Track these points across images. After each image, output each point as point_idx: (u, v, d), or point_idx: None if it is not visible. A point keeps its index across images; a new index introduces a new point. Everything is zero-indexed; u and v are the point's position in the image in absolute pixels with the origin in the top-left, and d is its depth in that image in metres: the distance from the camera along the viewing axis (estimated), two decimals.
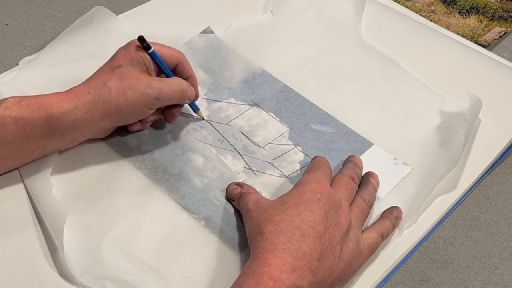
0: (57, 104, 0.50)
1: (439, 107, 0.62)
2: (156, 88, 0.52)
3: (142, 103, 0.52)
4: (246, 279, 0.42)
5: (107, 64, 0.53)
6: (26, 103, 0.50)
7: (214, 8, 0.74)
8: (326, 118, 0.61)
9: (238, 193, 0.52)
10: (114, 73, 0.52)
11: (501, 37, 0.73)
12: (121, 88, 0.51)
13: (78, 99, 0.51)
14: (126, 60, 0.53)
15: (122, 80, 0.51)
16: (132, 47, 0.53)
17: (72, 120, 0.51)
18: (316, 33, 0.71)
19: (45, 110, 0.50)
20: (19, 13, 0.75)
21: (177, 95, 0.54)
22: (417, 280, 0.51)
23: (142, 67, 0.53)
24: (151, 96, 0.52)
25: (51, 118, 0.50)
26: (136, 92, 0.51)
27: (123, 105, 0.51)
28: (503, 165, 0.60)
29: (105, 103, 0.51)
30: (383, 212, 0.52)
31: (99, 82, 0.52)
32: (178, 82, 0.55)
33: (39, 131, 0.50)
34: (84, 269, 0.48)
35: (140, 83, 0.52)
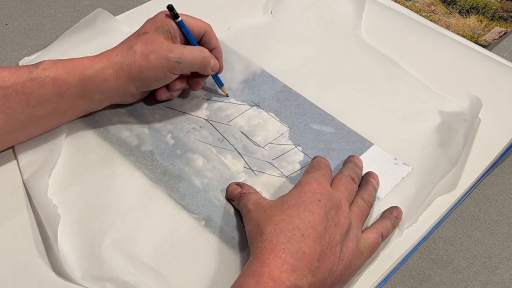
0: (89, 65, 0.54)
1: (439, 107, 0.62)
2: (178, 52, 0.55)
3: (164, 66, 0.55)
4: (246, 279, 0.42)
5: (136, 32, 0.57)
6: (62, 64, 0.53)
7: (214, 8, 0.74)
8: (326, 118, 0.61)
9: (238, 193, 0.52)
10: (140, 38, 0.55)
11: (501, 37, 0.73)
12: (145, 52, 0.55)
13: (108, 60, 0.54)
14: (152, 27, 0.56)
15: (146, 44, 0.55)
16: (160, 16, 0.57)
17: (102, 80, 0.54)
18: (316, 33, 0.71)
19: (79, 71, 0.53)
20: (19, 13, 0.75)
21: (198, 61, 0.57)
22: (417, 280, 0.51)
23: (167, 34, 0.56)
24: (172, 59, 0.55)
25: (85, 79, 0.53)
26: (159, 55, 0.55)
27: (145, 67, 0.55)
28: (503, 165, 0.60)
29: (130, 66, 0.54)
30: (383, 212, 0.52)
31: (126, 47, 0.55)
32: (200, 49, 0.57)
33: (74, 91, 0.53)
34: (84, 271, 0.48)
35: (163, 47, 0.55)
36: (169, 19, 0.57)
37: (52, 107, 0.53)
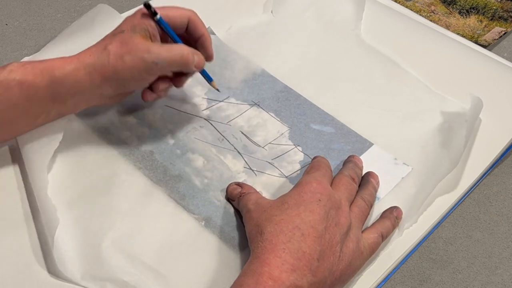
0: (59, 66, 0.51)
1: (439, 107, 0.62)
2: (155, 53, 0.52)
3: (141, 68, 0.52)
4: (246, 278, 0.42)
5: (112, 30, 0.54)
6: (31, 66, 0.50)
7: (214, 8, 0.74)
8: (326, 118, 0.61)
9: (238, 193, 0.52)
10: (115, 38, 0.52)
11: (501, 37, 0.73)
12: (119, 52, 0.51)
13: (79, 61, 0.51)
14: (129, 26, 0.53)
15: (122, 44, 0.52)
16: (138, 14, 0.53)
17: (73, 82, 0.51)
18: (316, 33, 0.71)
19: (48, 73, 0.50)
20: (19, 13, 0.75)
21: (177, 60, 0.53)
22: (417, 280, 0.51)
23: (145, 33, 0.53)
24: (148, 60, 0.52)
25: (54, 81, 0.51)
26: (134, 56, 0.51)
27: (120, 68, 0.51)
28: (503, 165, 0.60)
29: (103, 67, 0.51)
30: (383, 212, 0.52)
31: (100, 46, 0.52)
32: (180, 47, 0.53)
33: (42, 94, 0.51)
34: (84, 271, 0.48)
35: (139, 48, 0.52)
36: (147, 17, 0.53)
37: (20, 111, 0.51)
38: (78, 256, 0.49)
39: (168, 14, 0.54)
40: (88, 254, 0.49)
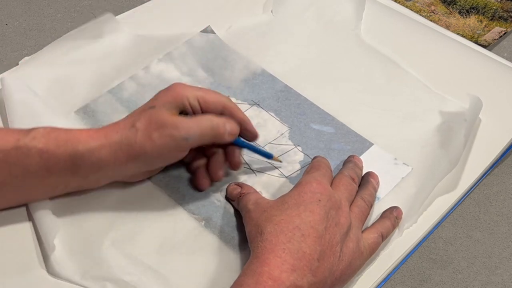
0: (84, 140, 0.48)
1: (439, 107, 0.62)
2: (184, 128, 0.48)
3: (171, 146, 0.49)
4: (246, 278, 0.42)
5: (143, 104, 0.51)
6: (55, 136, 0.48)
7: (214, 8, 0.74)
8: (326, 118, 0.61)
9: (237, 193, 0.52)
10: (144, 114, 0.49)
11: (501, 37, 0.73)
12: (148, 130, 0.48)
13: (106, 138, 0.48)
14: (161, 102, 0.49)
15: (150, 121, 0.48)
16: (173, 89, 0.50)
17: (96, 160, 0.48)
18: (316, 33, 0.71)
19: (71, 145, 0.48)
20: (19, 13, 0.75)
21: (208, 133, 0.49)
22: (417, 280, 0.51)
23: (177, 110, 0.49)
24: (178, 137, 0.48)
25: (76, 155, 0.48)
26: (163, 134, 0.48)
27: (148, 147, 0.48)
28: (503, 165, 0.60)
29: (130, 145, 0.48)
30: (383, 212, 0.52)
31: (128, 123, 0.49)
32: (210, 118, 0.50)
33: (62, 166, 0.48)
34: (84, 271, 0.48)
35: (167, 124, 0.48)
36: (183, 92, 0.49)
37: (38, 180, 0.49)
38: (78, 256, 0.49)
39: (204, 96, 0.50)
40: (88, 254, 0.49)
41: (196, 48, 0.67)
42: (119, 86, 0.63)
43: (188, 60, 0.66)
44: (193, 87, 0.51)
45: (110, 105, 0.61)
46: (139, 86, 0.63)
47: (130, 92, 0.62)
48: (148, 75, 0.64)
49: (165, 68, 0.65)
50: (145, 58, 0.66)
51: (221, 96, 0.52)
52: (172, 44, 0.67)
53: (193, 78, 0.64)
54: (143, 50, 0.66)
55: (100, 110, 0.60)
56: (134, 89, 0.63)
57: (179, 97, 0.49)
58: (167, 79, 0.64)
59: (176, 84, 0.51)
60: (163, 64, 0.65)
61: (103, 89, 0.62)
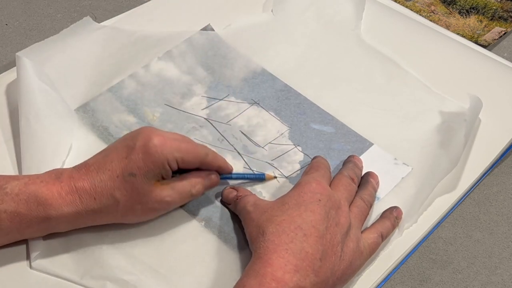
0: (57, 205, 0.46)
1: (439, 107, 0.62)
2: (165, 201, 0.48)
3: (151, 215, 0.50)
4: (249, 279, 0.42)
5: (121, 163, 0.47)
6: (25, 198, 0.46)
7: (214, 7, 0.74)
8: (326, 117, 0.61)
9: (234, 196, 0.52)
10: (125, 182, 0.47)
11: (501, 37, 0.73)
12: (129, 202, 0.47)
13: (81, 203, 0.47)
14: (143, 169, 0.47)
15: (132, 193, 0.47)
16: (153, 153, 0.47)
17: (71, 222, 0.48)
18: (316, 33, 0.71)
19: (43, 210, 0.46)
20: (19, 13, 0.75)
21: (187, 197, 0.50)
22: (417, 280, 0.51)
23: (157, 177, 0.48)
24: (160, 210, 0.50)
25: (49, 219, 0.46)
26: (145, 207, 0.48)
27: (130, 216, 0.49)
28: (503, 165, 0.60)
29: (110, 213, 0.48)
30: (383, 212, 0.52)
31: (107, 190, 0.47)
32: (189, 182, 0.50)
33: (35, 228, 0.47)
34: (84, 270, 0.48)
35: (151, 197, 0.48)
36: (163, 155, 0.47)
37: (8, 239, 0.48)
38: (78, 255, 0.49)
39: (183, 159, 0.48)
40: (88, 254, 0.49)
41: (196, 46, 0.67)
42: (119, 85, 0.63)
43: (188, 59, 0.66)
44: (172, 144, 0.48)
45: (110, 104, 0.61)
46: (138, 84, 0.63)
47: (129, 91, 0.62)
48: (148, 73, 0.64)
49: (165, 66, 0.65)
50: (144, 56, 0.66)
51: (198, 152, 0.50)
52: (172, 42, 0.67)
53: (192, 77, 0.64)
54: (143, 48, 0.66)
55: (99, 109, 0.60)
56: (134, 88, 0.63)
57: (159, 162, 0.47)
58: (166, 78, 0.64)
59: (153, 141, 0.47)
60: (162, 62, 0.65)
61: (103, 87, 0.62)
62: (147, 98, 0.62)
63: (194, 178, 0.50)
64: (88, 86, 0.62)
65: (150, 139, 0.47)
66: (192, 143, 0.50)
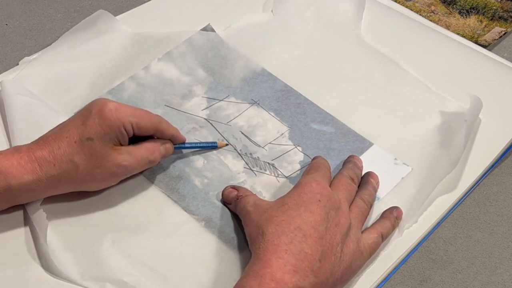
0: (17, 173, 0.47)
1: (439, 107, 0.62)
2: (123, 164, 0.50)
3: (110, 180, 0.51)
4: (248, 280, 0.42)
5: (78, 129, 0.49)
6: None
7: (214, 7, 0.74)
8: (326, 117, 0.61)
9: (234, 196, 0.52)
10: (83, 147, 0.48)
11: (501, 37, 0.73)
12: (88, 166, 0.48)
13: (41, 170, 0.48)
14: (99, 133, 0.48)
15: (91, 157, 0.48)
16: (109, 116, 0.49)
17: (33, 191, 0.48)
18: (316, 33, 0.71)
19: (4, 179, 0.47)
20: (19, 13, 0.75)
21: (144, 162, 0.51)
22: (417, 280, 0.51)
23: (114, 141, 0.49)
24: (119, 174, 0.51)
25: (10, 189, 0.47)
26: (104, 171, 0.49)
27: (89, 181, 0.50)
28: (503, 165, 0.60)
29: (71, 179, 0.49)
30: (383, 212, 0.52)
31: (65, 156, 0.48)
32: (145, 147, 0.52)
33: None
34: (84, 271, 0.48)
35: (109, 161, 0.49)
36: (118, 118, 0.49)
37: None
38: (78, 256, 0.49)
39: (138, 122, 0.50)
40: (88, 254, 0.49)
41: (196, 46, 0.67)
42: (119, 87, 0.63)
43: (188, 59, 0.66)
44: (126, 109, 0.50)
45: None
46: (139, 86, 0.63)
47: (130, 92, 0.62)
48: (148, 74, 0.64)
49: (165, 67, 0.65)
50: (145, 57, 0.66)
51: (152, 119, 0.52)
52: (172, 43, 0.67)
53: (193, 78, 0.64)
54: (143, 50, 0.66)
55: None
56: (134, 89, 0.63)
57: (115, 126, 0.49)
58: (167, 79, 0.64)
59: (108, 106, 0.49)
60: (163, 63, 0.65)
61: (103, 89, 0.62)
62: (147, 100, 0.62)
63: (151, 144, 0.52)
64: (88, 89, 0.62)
65: (105, 105, 0.49)
66: (147, 110, 0.52)
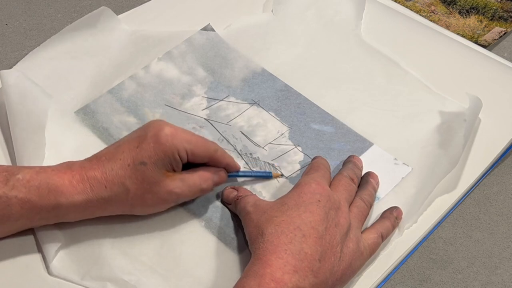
0: (68, 192, 0.46)
1: (439, 107, 0.62)
2: (175, 192, 0.49)
3: (161, 206, 0.50)
4: (248, 280, 0.42)
5: (132, 152, 0.48)
6: (36, 185, 0.46)
7: (214, 7, 0.74)
8: (326, 117, 0.61)
9: (234, 196, 0.52)
10: (136, 171, 0.47)
11: (501, 37, 0.73)
12: (139, 191, 0.47)
13: (92, 191, 0.47)
14: (153, 158, 0.47)
15: (142, 182, 0.47)
16: (164, 142, 0.47)
17: (82, 211, 0.48)
18: (316, 33, 0.71)
19: (54, 198, 0.46)
20: (19, 13, 0.75)
21: (196, 191, 0.50)
22: (417, 280, 0.51)
23: (168, 167, 0.48)
24: (170, 201, 0.50)
25: (60, 207, 0.47)
26: (155, 197, 0.48)
27: (139, 205, 0.49)
28: (503, 165, 0.60)
29: (121, 202, 0.48)
30: (383, 213, 0.52)
31: (117, 178, 0.47)
32: (199, 176, 0.50)
33: (45, 216, 0.47)
34: (85, 271, 0.48)
35: (161, 187, 0.48)
36: (173, 145, 0.47)
37: (19, 226, 0.48)
38: (78, 256, 0.49)
39: (193, 150, 0.49)
40: (88, 254, 0.49)
41: (196, 46, 0.67)
42: (119, 86, 0.63)
43: (188, 59, 0.66)
44: (182, 135, 0.49)
45: (110, 105, 0.61)
46: (139, 85, 0.63)
47: (130, 92, 0.62)
48: (148, 74, 0.64)
49: (165, 67, 0.65)
50: (144, 57, 0.66)
51: (208, 147, 0.50)
52: (172, 42, 0.67)
53: (193, 77, 0.64)
54: (143, 49, 0.66)
55: (100, 111, 0.60)
56: (134, 89, 0.63)
57: (170, 152, 0.48)
58: (167, 78, 0.64)
59: (165, 131, 0.48)
60: (163, 63, 0.65)
61: (103, 89, 0.62)
62: (147, 99, 0.62)
63: (204, 172, 0.50)
64: (88, 88, 0.62)
65: (162, 129, 0.48)
66: (203, 137, 0.51)
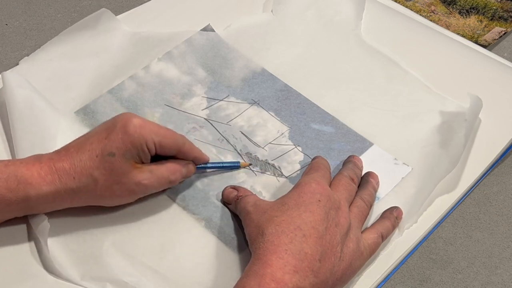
0: (36, 184, 0.47)
1: (439, 107, 0.62)
2: (143, 183, 0.49)
3: (129, 197, 0.51)
4: (248, 280, 0.42)
5: (101, 143, 0.48)
6: (5, 177, 0.46)
7: (214, 7, 0.74)
8: (326, 117, 0.61)
9: (234, 196, 0.52)
10: (104, 162, 0.47)
11: (501, 37, 0.73)
12: (108, 182, 0.48)
13: (61, 183, 0.47)
14: (121, 149, 0.48)
15: (111, 173, 0.47)
16: (132, 132, 0.48)
17: (51, 202, 0.48)
18: (316, 33, 0.71)
19: (23, 190, 0.47)
20: (19, 13, 0.75)
21: (165, 182, 0.50)
22: (417, 280, 0.51)
23: (136, 159, 0.49)
24: (138, 192, 0.50)
25: (29, 199, 0.47)
26: (124, 188, 0.49)
27: (108, 196, 0.49)
28: (503, 165, 0.60)
29: (89, 193, 0.48)
30: (383, 212, 0.52)
31: (86, 169, 0.47)
32: (166, 168, 0.50)
33: (14, 208, 0.48)
34: (85, 271, 0.48)
35: (129, 178, 0.48)
36: (142, 136, 0.48)
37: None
38: (78, 256, 0.49)
39: (161, 141, 0.49)
40: (88, 254, 0.49)
41: (196, 46, 0.67)
42: (119, 86, 0.63)
43: (188, 59, 0.66)
44: (151, 127, 0.49)
45: (110, 105, 0.61)
46: (139, 85, 0.63)
47: (130, 92, 0.62)
48: (148, 74, 0.64)
49: (165, 67, 0.65)
50: (144, 57, 0.66)
51: (176, 139, 0.51)
52: (172, 42, 0.67)
53: (192, 77, 0.64)
54: (143, 49, 0.66)
55: (100, 111, 0.60)
56: (134, 89, 0.63)
57: (138, 143, 0.48)
58: (166, 78, 0.64)
59: (133, 122, 0.48)
60: (163, 63, 0.65)
61: (103, 89, 0.62)
62: (147, 99, 0.62)
63: (173, 164, 0.51)
64: (88, 88, 0.62)
65: (130, 120, 0.49)
66: (171, 130, 0.51)
